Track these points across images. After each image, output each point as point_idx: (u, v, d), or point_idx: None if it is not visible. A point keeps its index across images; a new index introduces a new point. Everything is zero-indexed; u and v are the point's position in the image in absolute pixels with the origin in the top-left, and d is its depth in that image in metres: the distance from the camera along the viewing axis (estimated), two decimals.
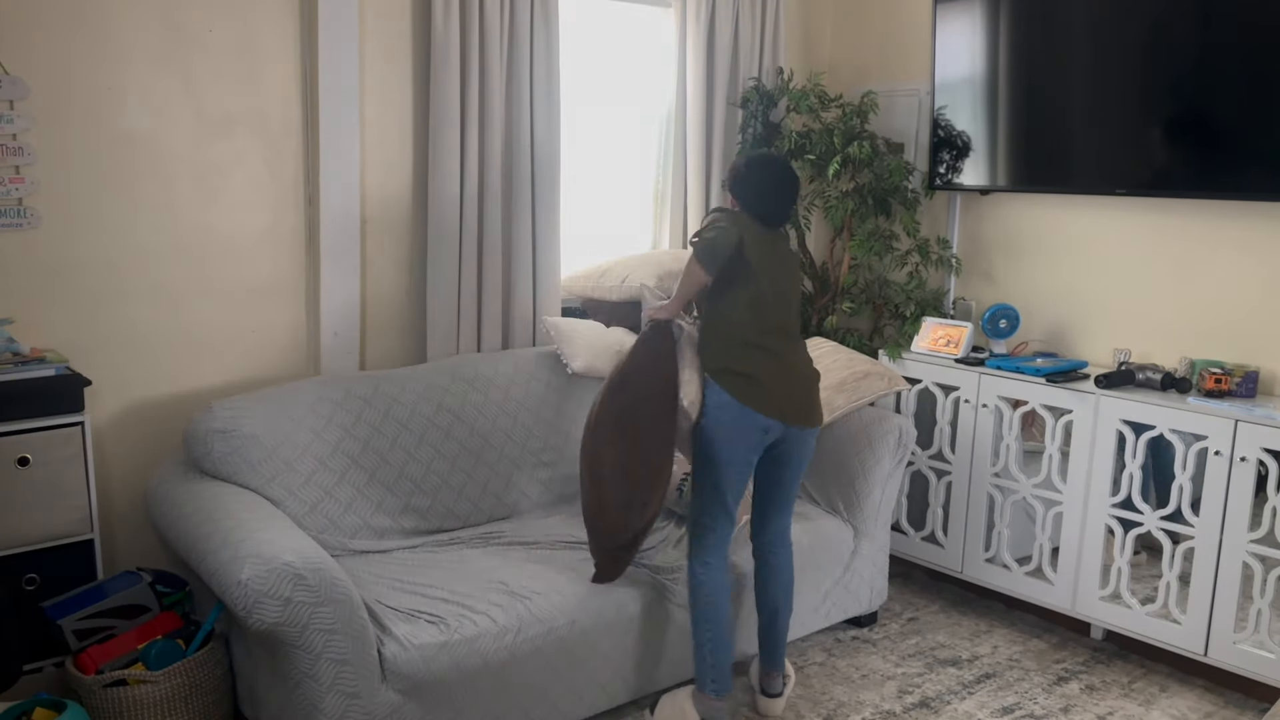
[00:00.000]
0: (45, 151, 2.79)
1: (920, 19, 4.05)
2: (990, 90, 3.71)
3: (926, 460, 3.75)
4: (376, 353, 3.41)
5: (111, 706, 2.51)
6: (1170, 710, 3.09)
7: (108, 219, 2.92)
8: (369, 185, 3.31)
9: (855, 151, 3.80)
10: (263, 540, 2.40)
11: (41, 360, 2.68)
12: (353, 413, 3.01)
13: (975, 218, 4.00)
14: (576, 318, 3.91)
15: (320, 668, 2.35)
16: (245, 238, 3.15)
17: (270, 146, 3.15)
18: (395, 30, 3.28)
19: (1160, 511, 3.18)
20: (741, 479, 2.75)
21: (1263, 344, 3.26)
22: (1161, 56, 3.27)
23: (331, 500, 2.90)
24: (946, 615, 3.67)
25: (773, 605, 2.92)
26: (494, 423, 3.25)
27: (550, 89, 3.50)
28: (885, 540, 3.50)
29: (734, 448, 2.69)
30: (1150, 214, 3.49)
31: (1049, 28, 3.53)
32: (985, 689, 3.18)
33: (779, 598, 2.91)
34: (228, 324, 3.16)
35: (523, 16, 3.39)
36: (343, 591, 2.37)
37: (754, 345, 2.71)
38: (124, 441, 3.02)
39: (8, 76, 2.71)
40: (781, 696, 2.95)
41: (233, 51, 3.04)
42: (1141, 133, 3.36)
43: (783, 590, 2.91)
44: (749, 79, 4.02)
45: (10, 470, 2.59)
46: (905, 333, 3.87)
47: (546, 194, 3.55)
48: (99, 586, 2.69)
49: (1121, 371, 3.30)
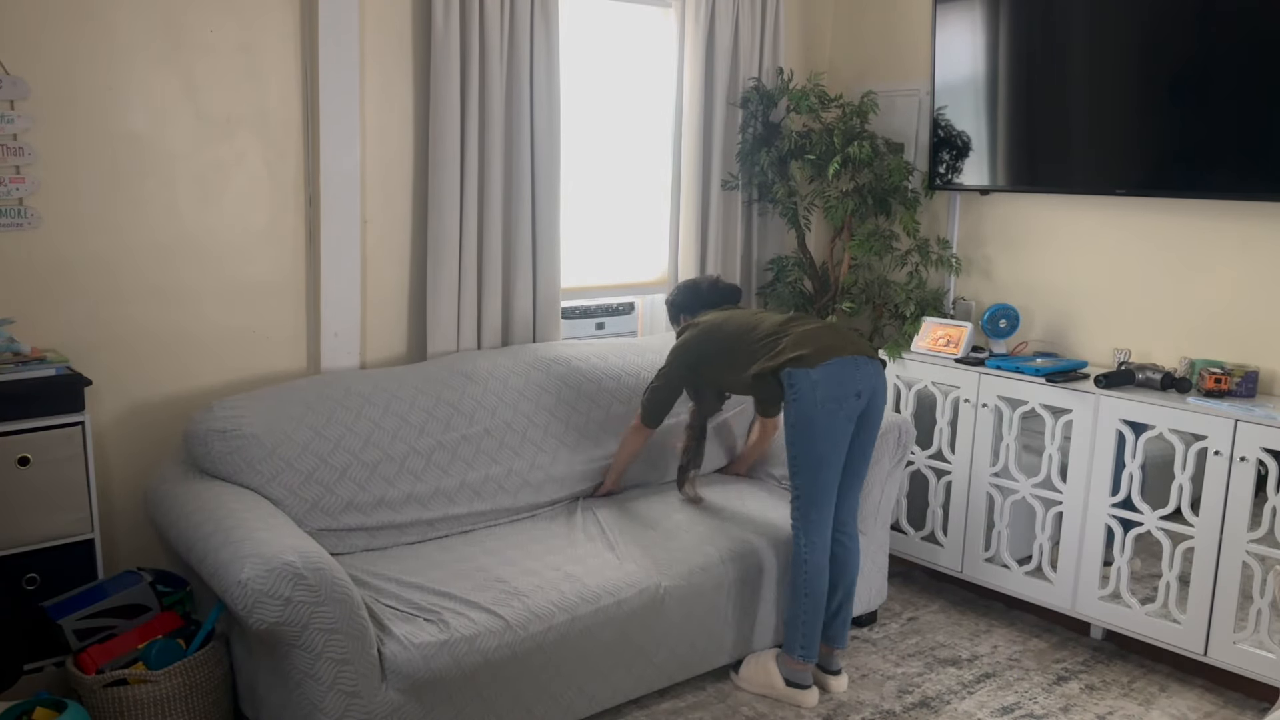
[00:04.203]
0: (45, 151, 2.79)
1: (920, 19, 4.05)
2: (990, 90, 3.71)
3: (926, 460, 3.75)
4: (377, 352, 3.41)
5: (112, 706, 2.51)
6: (1170, 710, 3.09)
7: (108, 219, 2.92)
8: (369, 185, 3.31)
9: (855, 151, 3.80)
10: (263, 540, 2.40)
11: (42, 360, 2.68)
12: (353, 410, 3.01)
13: (975, 217, 4.00)
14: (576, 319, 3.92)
15: (320, 667, 2.35)
16: (245, 238, 3.15)
17: (270, 146, 3.15)
18: (395, 30, 3.29)
19: (1160, 511, 3.18)
20: (840, 453, 2.93)
21: (1263, 344, 3.27)
22: (1161, 56, 3.27)
23: (333, 497, 2.90)
24: (946, 615, 3.67)
25: (846, 589, 3.09)
26: (494, 414, 3.26)
27: (550, 89, 3.50)
28: (885, 540, 3.51)
29: (833, 419, 2.87)
30: (1150, 214, 3.49)
31: (1049, 28, 3.53)
32: (985, 689, 3.18)
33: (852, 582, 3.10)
34: (228, 324, 3.16)
35: (523, 16, 3.39)
36: (343, 591, 2.37)
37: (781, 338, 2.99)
38: (124, 441, 3.02)
39: (8, 76, 2.71)
40: (843, 674, 3.15)
41: (233, 51, 3.04)
42: (1141, 133, 3.36)
43: (854, 574, 3.11)
44: (749, 79, 4.02)
45: (10, 470, 2.59)
46: (905, 333, 3.87)
47: (546, 194, 3.55)
48: (99, 586, 2.69)
49: (1121, 371, 3.31)
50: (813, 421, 2.86)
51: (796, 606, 2.98)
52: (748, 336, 3.04)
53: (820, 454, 2.88)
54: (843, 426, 2.89)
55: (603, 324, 4.02)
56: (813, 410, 2.85)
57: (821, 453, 2.88)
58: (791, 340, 2.94)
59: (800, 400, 2.86)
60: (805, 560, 2.95)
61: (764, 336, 3.01)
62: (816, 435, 2.87)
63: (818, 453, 2.88)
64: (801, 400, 2.86)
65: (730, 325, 3.12)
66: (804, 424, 2.87)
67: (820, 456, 2.89)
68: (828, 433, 2.87)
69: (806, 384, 2.85)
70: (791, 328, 3.00)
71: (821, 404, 2.84)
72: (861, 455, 3.03)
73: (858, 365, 2.90)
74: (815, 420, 2.86)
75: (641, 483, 3.53)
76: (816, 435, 2.87)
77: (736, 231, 4.09)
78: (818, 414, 2.85)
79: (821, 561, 2.96)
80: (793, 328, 3.00)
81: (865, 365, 2.92)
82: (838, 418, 2.87)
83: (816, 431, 2.87)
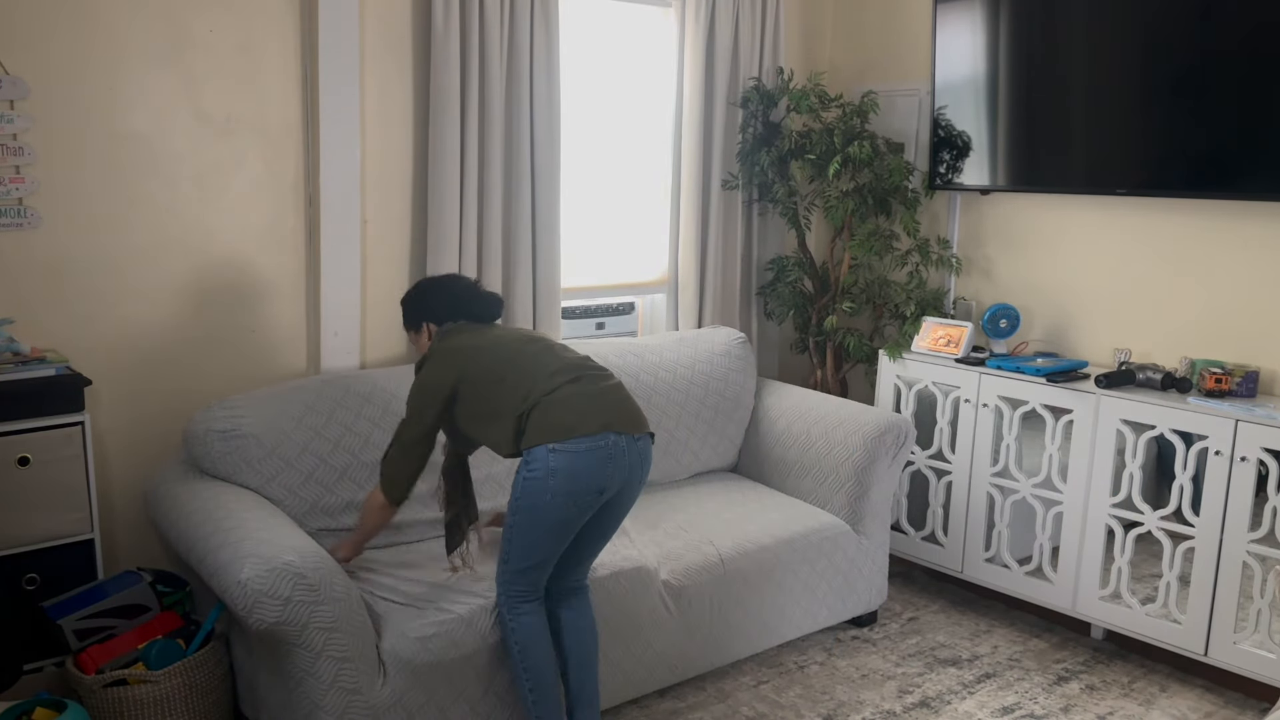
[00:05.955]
0: (45, 151, 2.79)
1: (920, 19, 4.05)
2: (990, 90, 3.71)
3: (926, 460, 3.75)
4: (377, 352, 3.41)
5: (112, 706, 2.51)
6: (1170, 710, 3.08)
7: (108, 219, 2.92)
8: (369, 185, 3.31)
9: (855, 151, 3.80)
10: (262, 540, 2.40)
11: (42, 360, 2.68)
12: (353, 409, 3.01)
13: (975, 217, 4.00)
14: (577, 319, 3.93)
15: (321, 666, 2.35)
16: (245, 238, 3.15)
17: (270, 146, 3.15)
18: (395, 30, 3.28)
19: (1160, 511, 3.18)
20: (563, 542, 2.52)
21: (1263, 344, 3.26)
22: (1161, 56, 3.27)
23: (333, 497, 2.90)
24: (947, 615, 3.67)
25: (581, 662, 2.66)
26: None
27: (550, 89, 3.50)
28: (885, 540, 3.50)
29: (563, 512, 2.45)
30: (1150, 214, 3.49)
31: (1049, 27, 3.53)
32: (985, 689, 3.18)
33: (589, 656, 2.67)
34: (228, 324, 3.16)
35: (523, 16, 3.39)
36: (342, 590, 2.38)
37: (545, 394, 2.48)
38: (124, 441, 3.02)
39: (8, 76, 2.71)
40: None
41: (233, 51, 3.04)
42: (1141, 133, 3.36)
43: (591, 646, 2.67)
44: (749, 79, 4.02)
45: (10, 470, 2.59)
46: (905, 333, 3.87)
47: (546, 194, 3.55)
48: (99, 586, 2.69)
49: (1122, 371, 3.30)
50: (536, 509, 2.43)
51: (521, 688, 2.56)
52: (511, 378, 2.50)
53: (538, 536, 2.46)
54: (573, 519, 2.46)
55: (603, 324, 4.03)
56: (541, 498, 2.42)
57: (537, 541, 2.46)
58: (552, 404, 2.45)
59: (531, 480, 2.42)
60: (512, 631, 2.53)
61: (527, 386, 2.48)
62: (538, 524, 2.44)
63: (534, 539, 2.47)
64: (533, 481, 2.42)
65: (490, 357, 2.55)
66: (527, 508, 2.44)
67: (538, 538, 2.46)
68: (552, 525, 2.44)
69: (544, 468, 2.40)
70: (558, 383, 2.48)
71: (553, 494, 2.41)
72: (598, 535, 2.60)
73: (611, 456, 2.43)
74: (539, 509, 2.43)
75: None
76: (538, 524, 2.44)
77: (736, 231, 4.09)
78: (545, 503, 2.42)
79: (533, 635, 2.53)
80: (559, 384, 2.48)
81: (623, 454, 2.46)
82: (570, 510, 2.44)
83: (539, 520, 2.44)
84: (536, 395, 2.46)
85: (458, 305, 2.68)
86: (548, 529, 2.45)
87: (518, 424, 2.46)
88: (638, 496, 2.61)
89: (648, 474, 2.58)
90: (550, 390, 2.47)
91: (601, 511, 2.56)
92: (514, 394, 2.48)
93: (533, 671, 2.54)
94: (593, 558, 2.67)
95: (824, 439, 3.49)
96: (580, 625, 2.64)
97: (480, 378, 2.52)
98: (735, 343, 3.83)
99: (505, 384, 2.50)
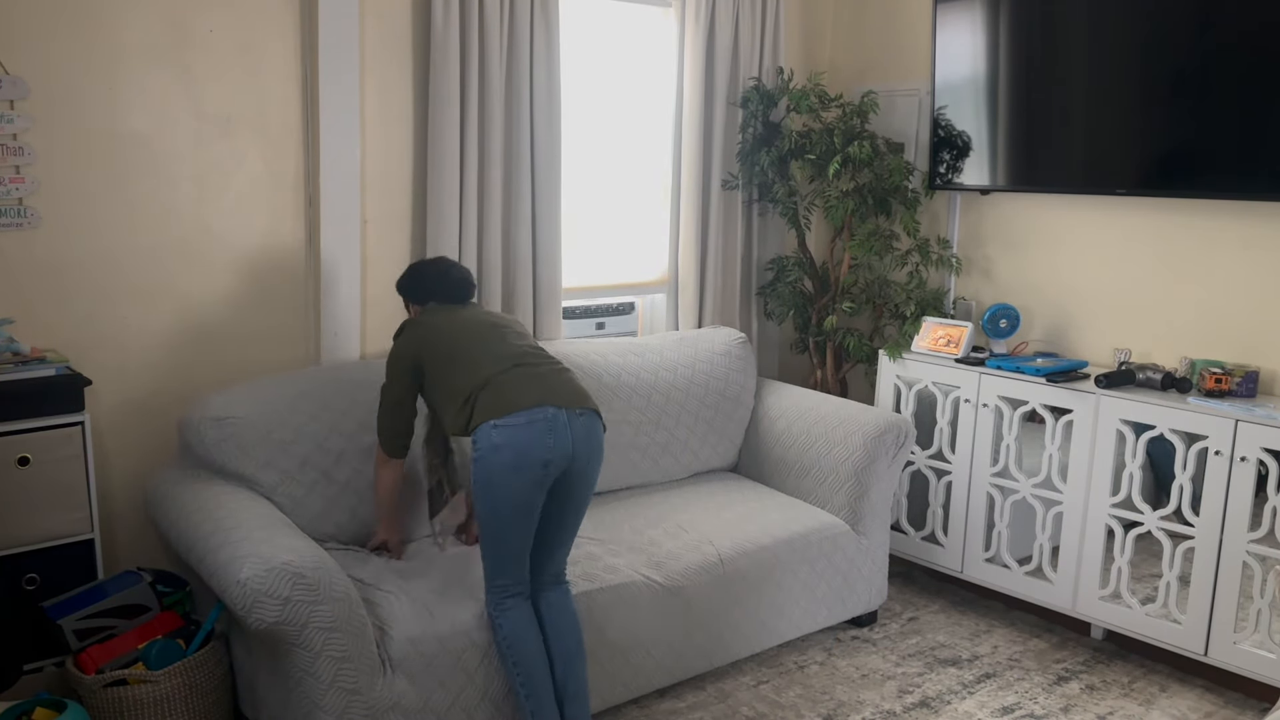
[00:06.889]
0: (45, 151, 2.79)
1: (920, 19, 4.05)
2: (990, 90, 3.71)
3: (926, 460, 3.75)
4: (377, 352, 3.40)
5: (112, 706, 2.51)
6: (1170, 710, 3.08)
7: (108, 219, 2.92)
8: (369, 185, 3.31)
9: (855, 151, 3.79)
10: (262, 540, 2.40)
11: (41, 360, 2.69)
12: (347, 395, 3.00)
13: (975, 217, 3.99)
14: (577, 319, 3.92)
15: (320, 665, 2.35)
16: (245, 238, 3.15)
17: (270, 146, 3.15)
18: (395, 30, 3.28)
19: (1160, 511, 3.18)
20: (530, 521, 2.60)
21: (1263, 344, 3.26)
22: (1161, 55, 3.27)
23: (329, 483, 2.89)
24: (947, 615, 3.67)
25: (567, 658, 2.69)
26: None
27: (550, 89, 3.50)
28: (885, 540, 3.50)
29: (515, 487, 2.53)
30: (1150, 214, 3.49)
31: (1049, 27, 3.53)
32: (985, 689, 3.18)
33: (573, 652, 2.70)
34: (228, 324, 3.16)
35: (523, 16, 3.39)
36: (341, 589, 2.38)
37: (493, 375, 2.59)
38: (124, 441, 3.02)
39: (8, 76, 2.71)
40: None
41: (233, 51, 3.05)
42: (1141, 132, 3.36)
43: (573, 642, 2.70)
44: (749, 79, 4.02)
45: (10, 470, 2.59)
46: (905, 333, 3.87)
47: (546, 193, 3.55)
48: (99, 586, 2.69)
49: (1122, 371, 3.30)
50: (491, 487, 2.51)
51: (514, 684, 2.60)
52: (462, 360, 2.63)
53: (502, 518, 2.53)
54: (528, 497, 2.53)
55: (603, 324, 4.03)
56: (492, 476, 2.50)
57: (503, 517, 2.53)
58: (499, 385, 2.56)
59: (480, 459, 2.51)
60: (500, 627, 2.58)
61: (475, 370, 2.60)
62: (499, 507, 2.52)
63: (500, 517, 2.53)
64: (481, 460, 2.51)
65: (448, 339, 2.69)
66: (483, 488, 2.52)
67: (503, 521, 2.53)
68: (512, 507, 2.52)
69: (488, 444, 2.49)
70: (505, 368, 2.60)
71: (500, 468, 2.49)
72: (559, 524, 2.65)
73: (552, 428, 2.51)
74: (493, 487, 2.51)
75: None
76: (499, 507, 2.52)
77: (737, 231, 4.09)
78: (497, 481, 2.50)
79: (518, 629, 2.59)
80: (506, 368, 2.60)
81: (565, 426, 2.53)
82: (520, 486, 2.51)
83: (498, 502, 2.52)
84: (483, 378, 2.58)
85: (430, 287, 2.86)
86: (510, 511, 2.52)
87: (467, 407, 2.57)
88: (594, 480, 2.66)
89: (599, 454, 2.64)
90: (497, 374, 2.59)
91: (559, 496, 2.61)
92: (465, 376, 2.61)
93: (523, 666, 2.58)
94: (564, 548, 2.70)
95: (824, 439, 3.49)
96: (561, 619, 2.67)
97: (434, 357, 2.68)
98: (735, 343, 3.83)
99: (457, 364, 2.64)
